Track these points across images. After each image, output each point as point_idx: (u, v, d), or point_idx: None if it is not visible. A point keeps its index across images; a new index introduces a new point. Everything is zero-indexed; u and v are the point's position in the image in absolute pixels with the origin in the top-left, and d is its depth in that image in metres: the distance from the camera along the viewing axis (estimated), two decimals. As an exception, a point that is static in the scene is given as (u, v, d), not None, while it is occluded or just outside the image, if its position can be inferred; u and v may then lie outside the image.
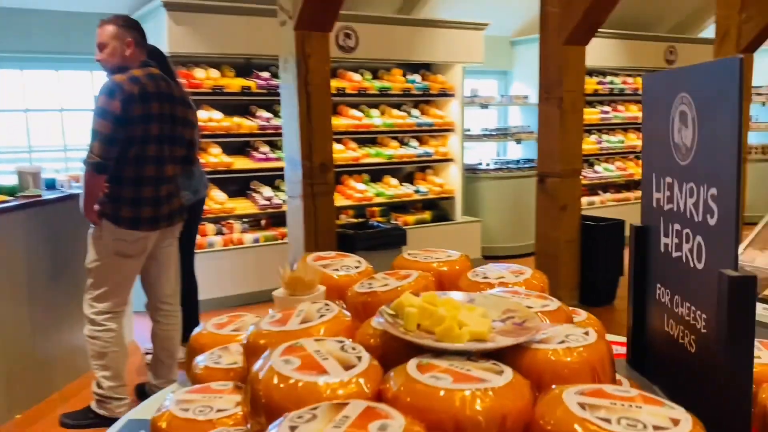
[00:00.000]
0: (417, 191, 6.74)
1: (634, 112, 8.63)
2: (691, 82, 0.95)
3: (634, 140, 8.63)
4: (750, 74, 6.73)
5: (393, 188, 6.65)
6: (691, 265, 0.96)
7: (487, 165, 7.29)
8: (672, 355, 1.02)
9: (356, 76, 6.37)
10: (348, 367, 0.84)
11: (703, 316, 0.92)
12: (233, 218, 5.80)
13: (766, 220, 3.76)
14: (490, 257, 6.99)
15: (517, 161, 7.45)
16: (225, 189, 5.79)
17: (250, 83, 5.73)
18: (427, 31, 6.51)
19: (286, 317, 1.04)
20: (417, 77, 6.72)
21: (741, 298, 0.81)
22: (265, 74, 5.87)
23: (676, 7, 8.82)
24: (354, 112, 6.39)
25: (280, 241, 5.72)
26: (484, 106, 7.29)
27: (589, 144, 7.87)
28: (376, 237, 5.08)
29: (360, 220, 6.25)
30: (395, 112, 6.66)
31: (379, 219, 6.54)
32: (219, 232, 5.69)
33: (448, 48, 6.64)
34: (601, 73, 8.28)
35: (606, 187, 8.37)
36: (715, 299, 0.88)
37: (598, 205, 7.86)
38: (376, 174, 6.75)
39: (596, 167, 8.25)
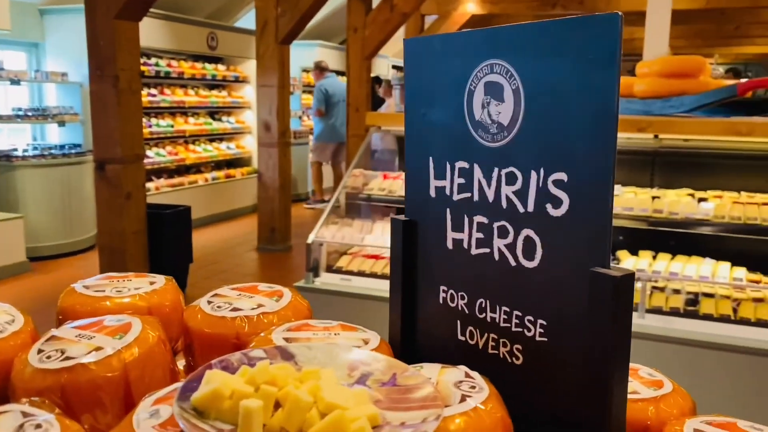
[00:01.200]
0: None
1: (181, 96, 8.51)
2: (511, 47, 0.79)
3: (183, 124, 8.53)
4: (288, 64, 7.29)
5: None
6: (512, 263, 0.82)
7: (24, 151, 6.17)
8: (478, 369, 0.87)
9: None
10: None
11: (540, 322, 0.79)
12: None
13: (336, 197, 4.07)
14: (37, 259, 5.96)
15: (62, 146, 6.51)
16: None
17: None
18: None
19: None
20: None
21: (623, 299, 0.70)
22: None
23: (213, -7, 8.95)
24: None
25: None
26: (15, 81, 6.12)
27: (140, 128, 7.42)
28: None
29: None
30: None
31: None
32: None
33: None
34: (146, 54, 7.86)
35: (159, 172, 8.07)
36: (558, 301, 0.76)
37: (153, 192, 7.51)
38: None
39: (148, 152, 7.85)
